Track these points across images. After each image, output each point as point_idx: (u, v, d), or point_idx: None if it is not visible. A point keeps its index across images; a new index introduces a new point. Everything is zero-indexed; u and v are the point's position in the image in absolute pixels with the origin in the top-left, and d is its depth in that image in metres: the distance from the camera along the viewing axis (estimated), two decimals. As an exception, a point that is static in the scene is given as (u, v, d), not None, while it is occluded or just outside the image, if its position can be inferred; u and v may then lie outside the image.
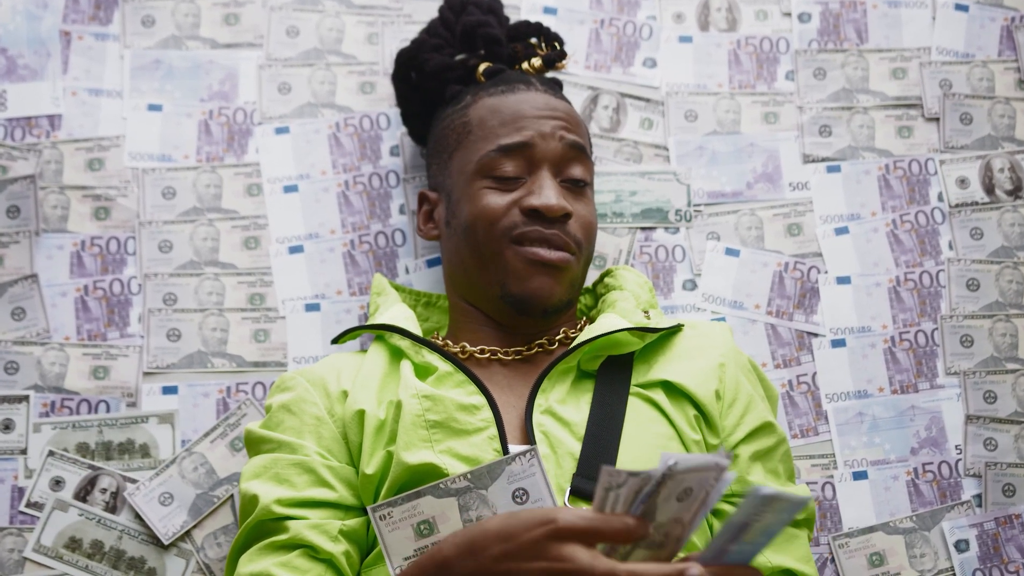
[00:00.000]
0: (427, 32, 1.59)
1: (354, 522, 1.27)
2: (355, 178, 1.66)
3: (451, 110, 1.50)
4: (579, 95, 1.70)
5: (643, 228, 1.66)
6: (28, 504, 1.50)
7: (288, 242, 1.63)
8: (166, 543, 1.49)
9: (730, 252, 1.66)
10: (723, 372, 1.37)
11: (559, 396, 1.32)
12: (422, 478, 1.23)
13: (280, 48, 1.70)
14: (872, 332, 1.63)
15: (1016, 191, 1.69)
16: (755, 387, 1.40)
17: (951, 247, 1.66)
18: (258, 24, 1.71)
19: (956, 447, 1.59)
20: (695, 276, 1.64)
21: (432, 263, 1.63)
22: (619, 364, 1.36)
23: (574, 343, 1.35)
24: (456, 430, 1.27)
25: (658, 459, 1.25)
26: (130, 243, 1.61)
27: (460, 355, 1.41)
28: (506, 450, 1.26)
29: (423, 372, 1.34)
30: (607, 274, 1.52)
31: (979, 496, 1.57)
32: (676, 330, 1.41)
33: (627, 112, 1.71)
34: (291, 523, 1.25)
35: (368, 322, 1.45)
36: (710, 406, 1.33)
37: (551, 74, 1.62)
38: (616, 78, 1.72)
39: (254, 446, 1.35)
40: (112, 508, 1.51)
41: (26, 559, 1.48)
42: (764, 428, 1.36)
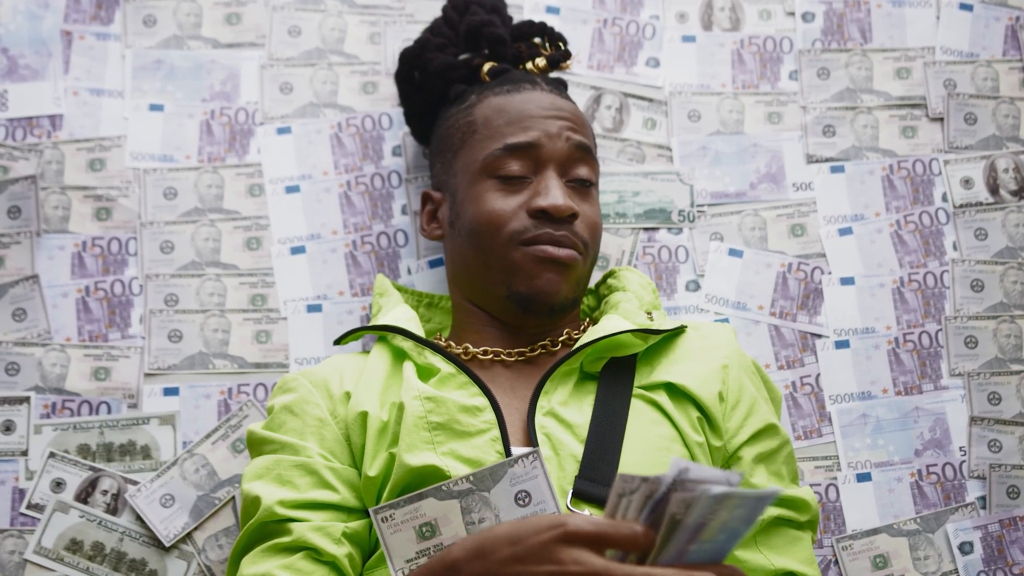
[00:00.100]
0: (431, 31, 1.58)
1: (357, 524, 1.27)
2: (357, 178, 1.66)
3: (455, 109, 1.49)
4: (582, 95, 1.69)
5: (646, 229, 1.66)
6: (29, 506, 1.50)
7: (290, 243, 1.63)
8: (167, 545, 1.49)
9: (733, 253, 1.65)
10: (726, 374, 1.36)
11: (562, 398, 1.32)
12: (424, 480, 1.22)
13: (282, 48, 1.70)
14: (876, 333, 1.62)
15: (1021, 191, 1.68)
16: (759, 389, 1.40)
17: (955, 248, 1.66)
18: (260, 24, 1.70)
19: (960, 449, 1.58)
20: (698, 277, 1.64)
21: (434, 264, 1.63)
22: (622, 366, 1.35)
23: (577, 344, 1.35)
24: (458, 432, 1.27)
25: (660, 461, 1.26)
26: (131, 244, 1.61)
27: (463, 356, 1.41)
28: (508, 452, 1.25)
29: (426, 373, 1.34)
30: (610, 275, 1.52)
31: (983, 498, 1.56)
32: (679, 331, 1.41)
33: (630, 112, 1.70)
34: (294, 525, 1.24)
35: (370, 323, 1.45)
36: (713, 408, 1.33)
37: (555, 74, 1.62)
38: (619, 78, 1.72)
39: (256, 447, 1.35)
40: (113, 510, 1.50)
41: (27, 561, 1.47)
42: (768, 430, 1.35)
